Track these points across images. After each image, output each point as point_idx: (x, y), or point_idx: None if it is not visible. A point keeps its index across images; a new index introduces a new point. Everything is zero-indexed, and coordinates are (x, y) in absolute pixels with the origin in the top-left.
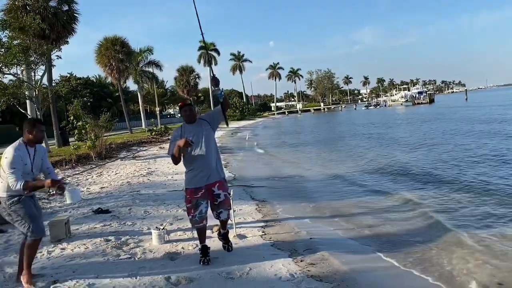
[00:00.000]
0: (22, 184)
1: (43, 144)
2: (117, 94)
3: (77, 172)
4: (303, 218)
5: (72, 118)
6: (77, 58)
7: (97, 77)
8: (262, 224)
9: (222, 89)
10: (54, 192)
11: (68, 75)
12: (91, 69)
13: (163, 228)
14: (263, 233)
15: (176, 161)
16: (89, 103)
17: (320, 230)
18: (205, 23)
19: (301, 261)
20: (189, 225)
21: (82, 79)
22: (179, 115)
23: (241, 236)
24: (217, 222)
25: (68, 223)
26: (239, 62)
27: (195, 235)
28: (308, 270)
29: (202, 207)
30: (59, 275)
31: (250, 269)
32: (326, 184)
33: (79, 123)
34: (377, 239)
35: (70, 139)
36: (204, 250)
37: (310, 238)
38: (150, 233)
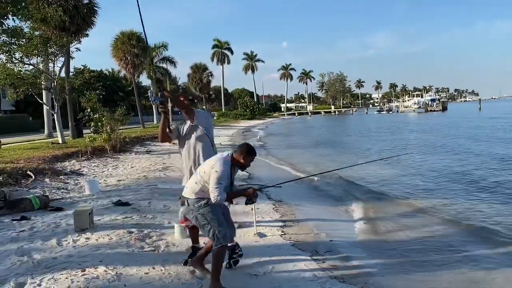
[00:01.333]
0: (223, 198)
1: (59, 135)
2: (129, 88)
3: (93, 164)
4: (322, 220)
5: (89, 110)
6: (90, 51)
7: (110, 70)
8: (281, 223)
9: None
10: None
11: (82, 67)
12: (105, 62)
13: (185, 226)
14: (283, 233)
15: (159, 135)
16: (101, 96)
17: (340, 232)
18: (221, 22)
19: (323, 262)
20: None
21: (95, 72)
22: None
23: (261, 235)
24: (235, 219)
25: (92, 214)
26: (251, 61)
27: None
28: (331, 272)
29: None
30: (87, 263)
31: (273, 267)
32: (341, 186)
33: (95, 116)
34: (397, 244)
35: (85, 131)
36: (194, 251)
37: (330, 240)
38: (172, 227)
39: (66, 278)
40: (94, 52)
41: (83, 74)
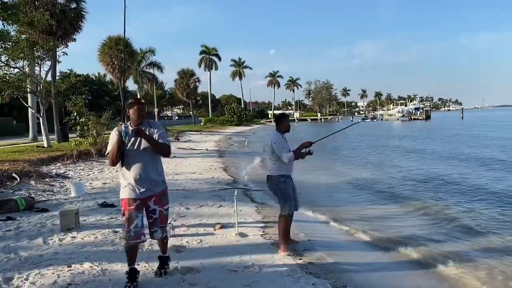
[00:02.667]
0: (291, 155)
1: (44, 138)
2: (115, 93)
3: (78, 167)
4: (302, 221)
5: (75, 114)
6: (76, 55)
7: (96, 75)
8: (262, 224)
9: (124, 131)
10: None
11: (68, 71)
12: (91, 66)
13: (169, 223)
14: (264, 233)
15: (112, 158)
16: (87, 101)
17: (317, 232)
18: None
19: (300, 259)
20: (194, 222)
21: (81, 76)
22: (169, 116)
23: (243, 235)
24: (219, 221)
25: (78, 214)
26: (239, 68)
27: (198, 231)
28: (307, 268)
29: (138, 220)
30: (73, 260)
31: (252, 264)
32: (322, 189)
33: (81, 120)
34: (370, 242)
35: (70, 135)
36: (132, 274)
37: (308, 240)
38: None
39: (53, 273)
40: (80, 56)
41: (69, 78)
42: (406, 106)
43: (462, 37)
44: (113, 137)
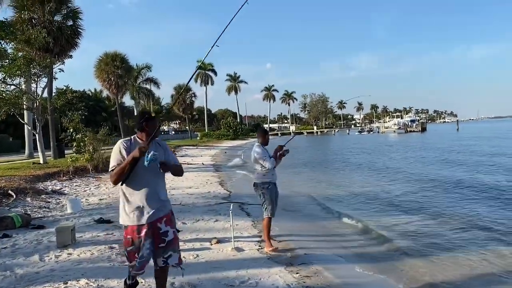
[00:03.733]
0: (273, 162)
1: (40, 155)
2: (112, 109)
3: (75, 183)
4: (297, 235)
5: (71, 130)
6: (73, 71)
7: (93, 91)
8: (258, 239)
9: (149, 155)
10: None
11: (64, 87)
12: (87, 82)
13: None
14: (260, 247)
15: (120, 177)
16: (83, 117)
17: (314, 245)
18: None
19: (296, 273)
20: (190, 236)
21: (78, 92)
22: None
23: (239, 249)
24: (215, 235)
25: (74, 230)
26: (235, 83)
27: (195, 246)
28: (304, 282)
29: (144, 250)
30: (69, 277)
31: (249, 279)
32: (320, 204)
33: (78, 136)
34: (366, 257)
35: (66, 151)
36: None
37: (304, 254)
38: None
39: None
40: (77, 72)
41: (66, 94)
42: (402, 118)
43: (456, 50)
44: (120, 152)
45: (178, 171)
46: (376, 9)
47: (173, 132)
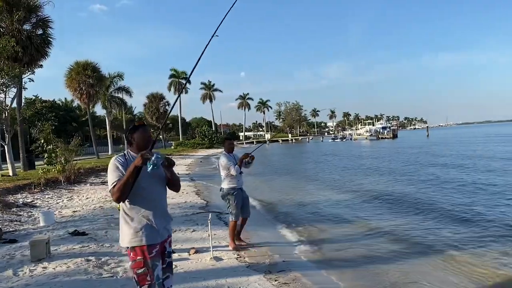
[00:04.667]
0: (238, 169)
1: (10, 167)
2: (83, 118)
3: (47, 196)
4: (276, 243)
5: (42, 141)
6: (43, 80)
7: (63, 100)
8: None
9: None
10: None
11: (33, 97)
12: (58, 92)
13: None
14: (239, 256)
15: (125, 192)
16: (53, 127)
17: (292, 253)
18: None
19: (275, 280)
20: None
21: (47, 102)
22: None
23: (218, 259)
24: (193, 245)
25: (49, 243)
26: (209, 91)
27: (173, 256)
28: None
29: (157, 271)
30: None
31: (228, 287)
32: (296, 210)
33: (49, 147)
34: (343, 261)
35: (37, 163)
36: None
37: (283, 261)
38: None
39: None
40: (47, 81)
41: (35, 104)
42: (373, 125)
43: (424, 58)
44: (117, 168)
45: (177, 183)
46: (347, 20)
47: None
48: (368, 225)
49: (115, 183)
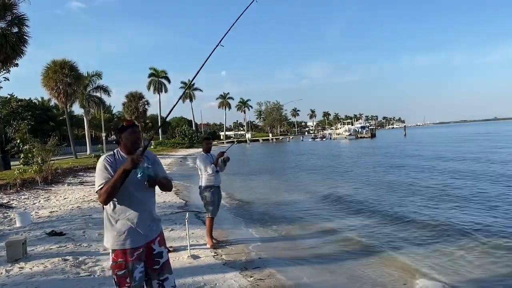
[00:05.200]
0: (214, 168)
1: None
2: (61, 118)
3: (23, 196)
4: (252, 241)
5: (18, 141)
6: (19, 79)
7: (40, 99)
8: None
9: (144, 169)
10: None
11: (9, 96)
12: (35, 91)
13: None
14: (216, 254)
15: (111, 195)
16: (29, 126)
17: (267, 250)
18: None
19: (250, 277)
20: None
21: (23, 101)
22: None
23: (195, 257)
24: (171, 244)
25: (26, 244)
26: (189, 90)
27: None
28: (257, 285)
29: (136, 273)
30: None
31: (205, 284)
32: (273, 209)
33: (25, 147)
34: (316, 258)
35: (13, 163)
36: None
37: (259, 258)
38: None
39: None
40: (23, 80)
41: (10, 103)
42: (352, 125)
43: (403, 58)
44: (105, 168)
45: (167, 185)
46: (326, 21)
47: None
48: (339, 225)
49: (102, 185)
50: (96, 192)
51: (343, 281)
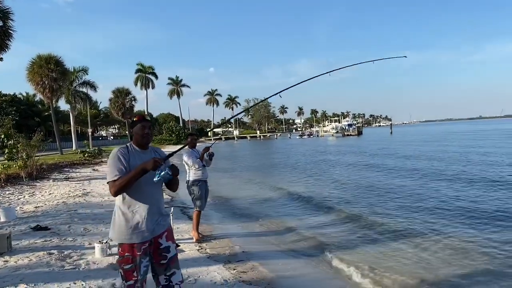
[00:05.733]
0: (200, 163)
1: None
2: (46, 113)
3: (7, 192)
4: (237, 235)
5: (3, 136)
6: (2, 73)
7: (25, 94)
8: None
9: (163, 170)
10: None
11: None
12: (19, 85)
13: (106, 242)
14: (200, 248)
15: (125, 189)
16: (13, 121)
17: (251, 244)
18: (147, 46)
19: (234, 269)
20: None
21: (7, 95)
22: (104, 136)
23: (179, 251)
24: None
25: (10, 238)
26: (177, 86)
27: None
28: (240, 277)
29: (142, 267)
30: (6, 283)
31: (188, 277)
32: (257, 204)
33: (9, 142)
34: (298, 252)
35: None
36: None
37: (242, 252)
38: (92, 248)
39: None
40: (7, 74)
41: None
42: (339, 122)
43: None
44: (119, 159)
45: (175, 185)
46: (314, 18)
47: (112, 137)
48: (321, 217)
49: (117, 177)
50: (108, 183)
51: (325, 275)
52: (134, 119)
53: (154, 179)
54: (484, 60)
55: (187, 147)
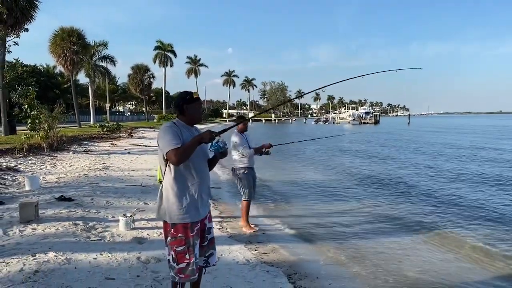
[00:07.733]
0: (250, 151)
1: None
2: (65, 86)
3: (30, 161)
4: (257, 217)
5: (26, 106)
6: (24, 44)
7: (45, 66)
8: (219, 219)
9: (218, 142)
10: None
11: (14, 61)
12: (39, 57)
13: (130, 216)
14: (221, 227)
15: (187, 157)
16: (35, 93)
17: (272, 227)
18: (167, 23)
19: (255, 250)
20: (153, 216)
21: (28, 66)
22: (121, 111)
23: None
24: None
25: (38, 206)
26: (195, 66)
27: (158, 224)
28: (261, 258)
29: (197, 249)
30: (37, 250)
31: None
32: (279, 187)
33: (33, 113)
34: (318, 236)
35: (18, 128)
36: None
37: (263, 233)
38: (116, 221)
39: (18, 262)
40: (28, 45)
41: (15, 68)
42: (357, 110)
43: (413, 46)
44: (174, 130)
45: (216, 161)
46: (339, 3)
47: (129, 113)
48: (347, 205)
49: (178, 145)
50: (166, 153)
51: (345, 260)
52: (194, 97)
53: (210, 149)
54: (506, 54)
55: (236, 131)
